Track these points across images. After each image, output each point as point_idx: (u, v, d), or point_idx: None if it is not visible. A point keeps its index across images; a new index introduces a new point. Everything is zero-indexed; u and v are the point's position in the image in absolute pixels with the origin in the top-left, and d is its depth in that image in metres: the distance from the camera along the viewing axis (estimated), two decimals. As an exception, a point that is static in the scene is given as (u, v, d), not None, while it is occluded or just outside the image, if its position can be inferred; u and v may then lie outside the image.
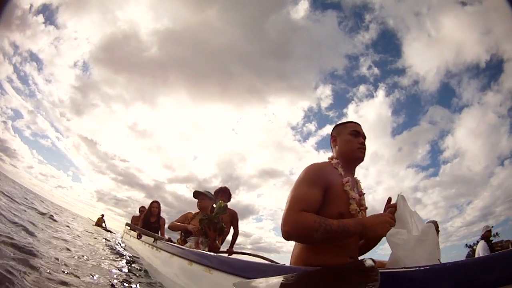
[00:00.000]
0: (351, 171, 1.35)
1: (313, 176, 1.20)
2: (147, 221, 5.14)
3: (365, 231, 1.08)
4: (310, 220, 1.03)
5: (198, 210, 3.15)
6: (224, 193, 3.40)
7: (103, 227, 10.42)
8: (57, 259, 2.43)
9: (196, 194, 3.09)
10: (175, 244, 2.80)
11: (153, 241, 3.31)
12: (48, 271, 1.96)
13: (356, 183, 1.36)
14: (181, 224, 2.96)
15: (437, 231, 3.24)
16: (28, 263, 1.94)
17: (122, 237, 8.07)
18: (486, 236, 4.36)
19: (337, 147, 1.38)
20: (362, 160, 1.35)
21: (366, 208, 1.30)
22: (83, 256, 3.17)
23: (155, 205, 5.38)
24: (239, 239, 3.58)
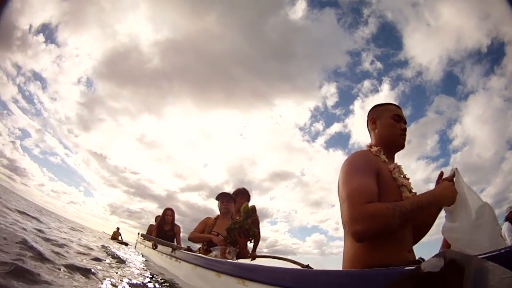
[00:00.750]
0: (391, 158, 1.27)
1: (364, 165, 1.10)
2: (161, 230, 4.94)
3: (438, 199, 1.02)
4: (382, 208, 0.93)
5: (218, 214, 2.95)
6: (244, 195, 3.17)
7: (119, 240, 10.30)
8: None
9: (221, 195, 2.88)
10: (197, 254, 2.59)
11: (171, 251, 3.10)
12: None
13: (399, 169, 1.24)
14: (205, 235, 2.71)
15: None
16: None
17: (135, 247, 7.90)
18: (511, 217, 4.13)
19: (376, 130, 1.29)
20: (403, 147, 1.27)
21: (415, 193, 1.19)
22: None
23: (169, 212, 5.19)
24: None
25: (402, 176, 1.19)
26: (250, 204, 2.71)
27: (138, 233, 8.11)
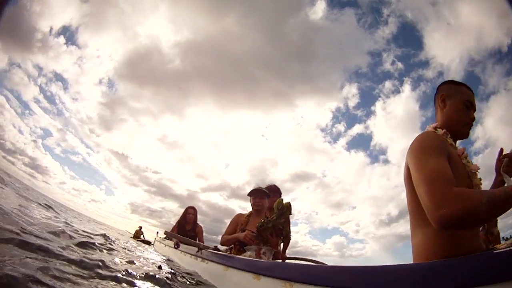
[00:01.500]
0: (454, 144, 1.19)
1: (437, 146, 1.02)
2: (182, 229, 4.66)
3: None
4: (470, 191, 0.85)
5: (250, 211, 2.63)
6: (275, 192, 2.84)
7: (141, 239, 10.31)
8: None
9: (254, 191, 2.57)
10: (229, 254, 2.28)
11: (197, 251, 2.80)
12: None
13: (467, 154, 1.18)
14: (234, 236, 2.43)
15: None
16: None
17: (153, 245, 7.73)
18: None
19: (444, 110, 1.22)
20: (467, 137, 1.22)
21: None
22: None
23: (191, 211, 4.92)
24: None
25: (470, 162, 1.13)
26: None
27: (157, 232, 7.97)
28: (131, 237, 11.00)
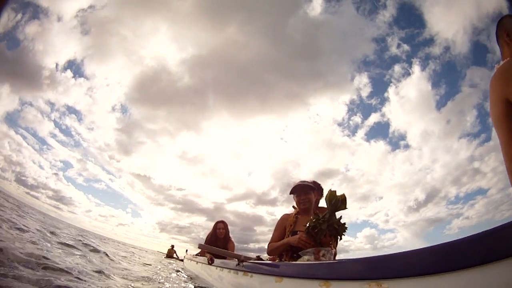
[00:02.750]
0: None
1: None
2: (213, 246, 4.29)
3: None
4: None
5: (296, 209, 2.21)
6: (317, 190, 2.42)
7: (175, 257, 10.30)
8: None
9: (298, 188, 2.16)
10: (282, 262, 1.86)
11: (237, 264, 2.39)
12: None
13: None
14: (284, 241, 2.00)
15: None
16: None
17: (182, 260, 7.40)
18: None
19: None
20: None
21: None
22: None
23: (221, 225, 4.53)
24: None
25: None
26: None
27: (186, 250, 7.66)
28: (164, 257, 10.95)
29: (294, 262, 1.60)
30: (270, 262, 1.95)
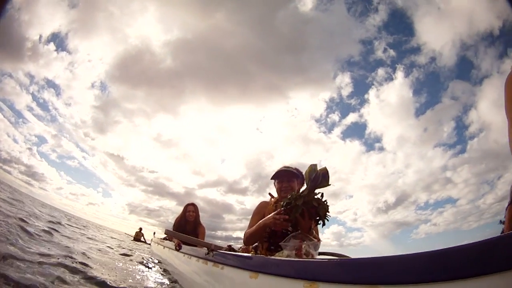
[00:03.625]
0: None
1: None
2: (182, 230, 3.97)
3: None
4: None
5: (276, 197, 2.00)
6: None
7: (142, 241, 10.07)
8: None
9: (281, 173, 1.94)
10: (259, 255, 1.65)
11: (207, 253, 2.16)
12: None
13: None
14: (258, 224, 1.77)
15: None
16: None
17: (150, 246, 7.14)
18: None
19: None
20: None
21: None
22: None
23: (191, 208, 4.24)
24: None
25: None
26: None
27: (154, 233, 7.36)
28: (131, 240, 10.70)
29: (273, 257, 1.39)
30: (244, 254, 1.74)
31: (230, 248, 2.15)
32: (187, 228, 4.09)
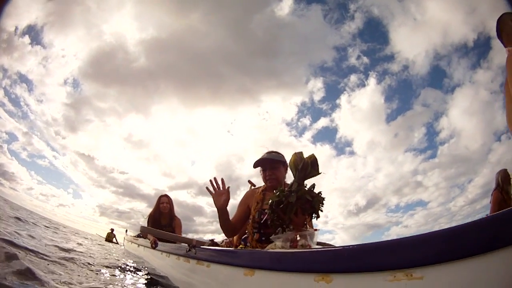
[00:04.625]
0: None
1: None
2: (156, 225, 3.68)
3: None
4: None
5: (263, 185, 1.82)
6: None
7: (114, 242, 9.93)
8: None
9: (264, 161, 1.76)
10: (256, 250, 1.48)
11: (188, 250, 1.95)
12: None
13: None
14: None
15: (509, 178, 2.84)
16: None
17: (123, 245, 6.75)
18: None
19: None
20: None
21: None
22: None
23: (165, 199, 3.92)
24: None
25: None
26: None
27: (126, 230, 6.95)
28: (104, 240, 10.44)
29: (272, 250, 1.22)
30: (234, 249, 1.56)
31: (213, 242, 1.96)
32: (162, 222, 3.81)
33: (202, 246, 1.85)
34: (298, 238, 1.33)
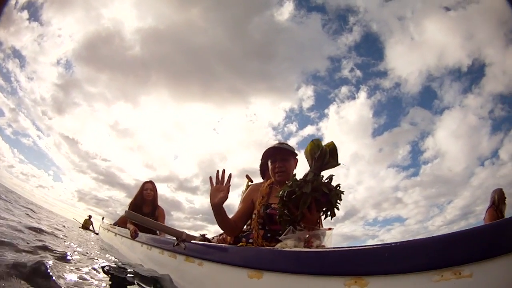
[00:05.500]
0: None
1: None
2: (138, 212, 3.42)
3: None
4: None
5: (270, 179, 1.62)
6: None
7: (91, 229, 9.34)
8: None
9: (274, 151, 1.56)
10: (266, 248, 1.27)
11: (175, 244, 1.72)
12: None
13: None
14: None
15: (504, 198, 2.79)
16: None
17: (98, 233, 6.41)
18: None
19: None
20: None
21: None
22: None
23: (149, 186, 3.63)
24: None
25: None
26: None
27: (102, 218, 6.60)
28: (79, 227, 9.91)
29: (289, 249, 1.02)
30: (237, 246, 1.35)
31: (204, 238, 1.74)
32: (144, 210, 3.51)
33: (193, 241, 1.63)
34: (313, 239, 1.15)
